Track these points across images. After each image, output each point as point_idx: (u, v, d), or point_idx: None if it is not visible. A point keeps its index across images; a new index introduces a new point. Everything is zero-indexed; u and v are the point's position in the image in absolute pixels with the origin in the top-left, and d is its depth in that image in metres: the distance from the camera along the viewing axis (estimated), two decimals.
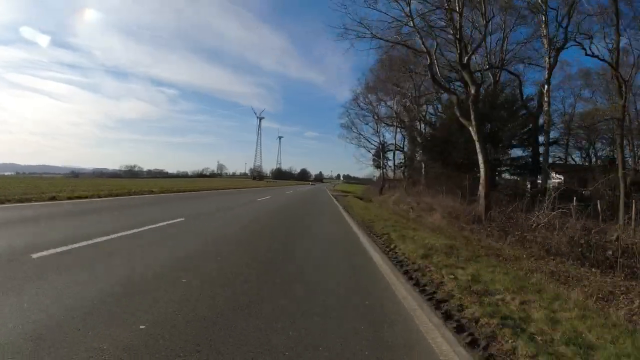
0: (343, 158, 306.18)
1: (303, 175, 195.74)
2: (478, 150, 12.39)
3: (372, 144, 41.58)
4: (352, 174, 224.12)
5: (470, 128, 12.77)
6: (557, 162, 28.85)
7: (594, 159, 29.59)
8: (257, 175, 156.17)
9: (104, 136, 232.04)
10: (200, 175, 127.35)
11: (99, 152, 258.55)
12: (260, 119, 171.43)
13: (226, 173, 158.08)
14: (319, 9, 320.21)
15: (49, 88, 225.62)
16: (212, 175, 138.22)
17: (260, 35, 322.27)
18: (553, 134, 24.06)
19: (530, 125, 20.64)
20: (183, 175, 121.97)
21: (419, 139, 28.80)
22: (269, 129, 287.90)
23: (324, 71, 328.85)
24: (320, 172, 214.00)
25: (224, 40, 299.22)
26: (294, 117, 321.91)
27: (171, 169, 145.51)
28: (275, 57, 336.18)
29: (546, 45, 17.68)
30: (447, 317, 2.90)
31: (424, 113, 31.50)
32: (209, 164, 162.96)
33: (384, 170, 41.28)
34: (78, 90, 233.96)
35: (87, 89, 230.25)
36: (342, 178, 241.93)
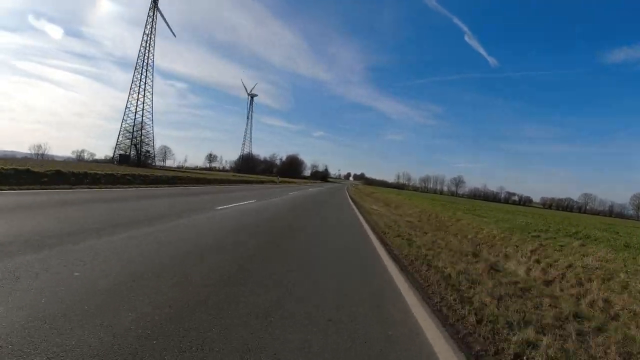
0: (353, 157, 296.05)
1: (290, 167, 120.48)
2: None
3: None
4: (367, 174, 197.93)
5: None
6: None
7: None
8: (127, 156, 67.06)
9: (110, 127, 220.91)
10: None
11: (104, 144, 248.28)
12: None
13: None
14: (334, 6, 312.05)
15: (56, 77, 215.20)
16: None
17: (272, 31, 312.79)
18: None
19: None
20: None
21: None
22: (274, 125, 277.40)
23: (335, 70, 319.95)
24: (326, 167, 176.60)
25: (235, 34, 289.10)
26: (303, 115, 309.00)
27: None
28: (286, 54, 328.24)
29: None
30: None
31: None
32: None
33: None
34: (86, 80, 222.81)
35: (96, 79, 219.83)
36: (352, 178, 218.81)
